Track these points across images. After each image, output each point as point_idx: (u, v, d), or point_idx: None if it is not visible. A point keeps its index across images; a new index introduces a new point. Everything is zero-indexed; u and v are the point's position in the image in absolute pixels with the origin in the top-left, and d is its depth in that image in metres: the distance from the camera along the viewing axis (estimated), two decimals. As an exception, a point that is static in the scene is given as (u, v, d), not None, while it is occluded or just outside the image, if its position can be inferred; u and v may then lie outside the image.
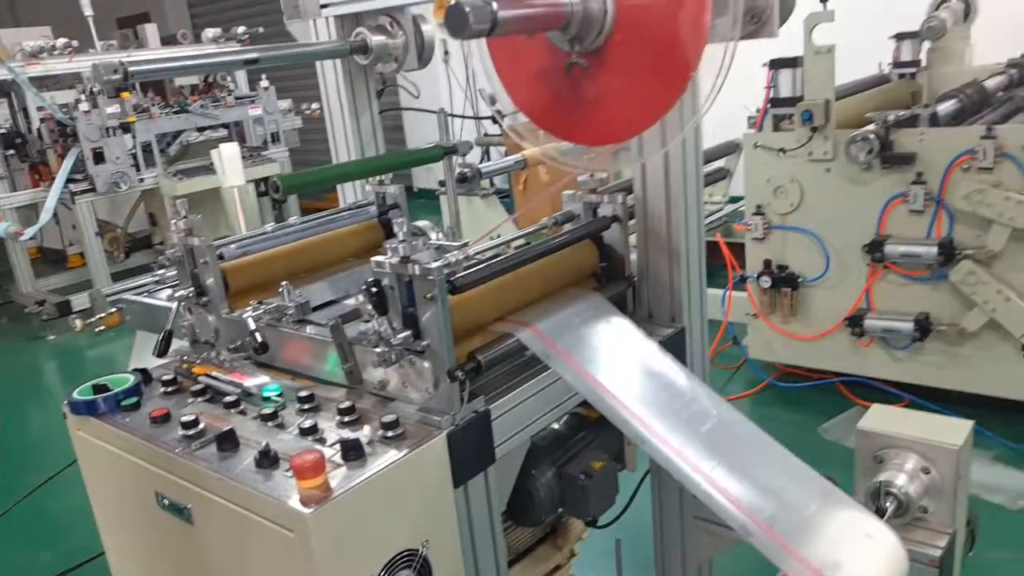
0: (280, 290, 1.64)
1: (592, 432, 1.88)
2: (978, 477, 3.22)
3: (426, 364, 1.38)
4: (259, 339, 1.59)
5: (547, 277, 1.64)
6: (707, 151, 5.24)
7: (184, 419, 1.44)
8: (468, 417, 1.40)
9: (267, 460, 1.30)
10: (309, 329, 1.60)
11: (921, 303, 3.51)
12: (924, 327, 3.47)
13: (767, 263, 3.87)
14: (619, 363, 1.55)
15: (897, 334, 3.56)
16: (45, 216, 5.81)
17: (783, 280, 3.84)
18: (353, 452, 1.29)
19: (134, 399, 1.60)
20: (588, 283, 1.76)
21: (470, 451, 1.40)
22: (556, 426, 1.90)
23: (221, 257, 1.78)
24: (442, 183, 5.00)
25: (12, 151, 7.49)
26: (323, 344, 1.55)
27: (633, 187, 1.73)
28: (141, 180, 6.38)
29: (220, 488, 1.32)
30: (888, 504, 1.60)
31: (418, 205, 6.90)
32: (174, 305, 1.79)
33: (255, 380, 1.62)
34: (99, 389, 1.64)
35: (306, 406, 1.49)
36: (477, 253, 1.66)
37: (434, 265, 1.31)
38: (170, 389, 1.65)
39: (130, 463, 1.51)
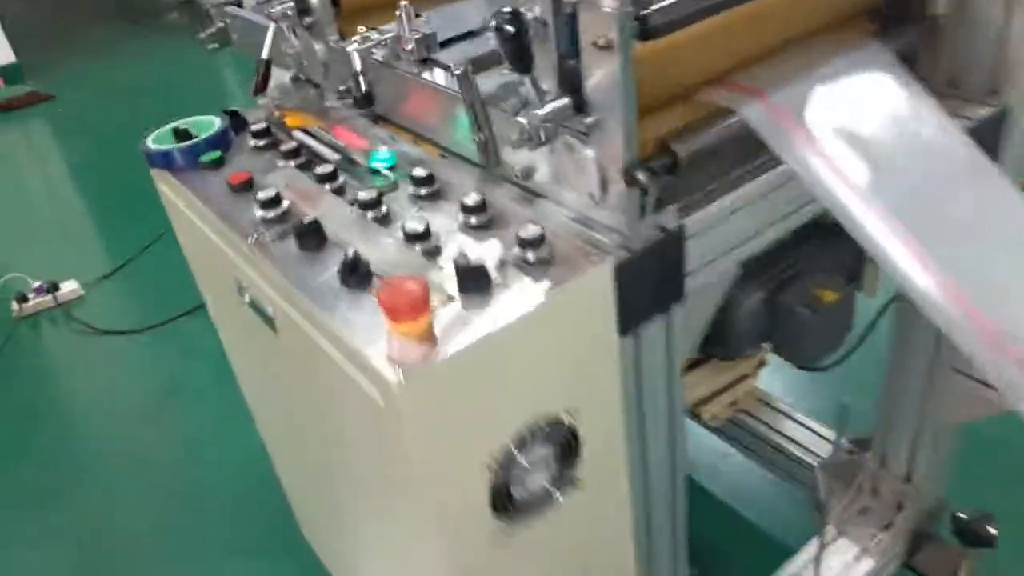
0: (398, 13, 1.15)
1: (820, 239, 1.35)
2: None
3: (590, 153, 0.88)
4: (362, 86, 1.13)
5: (793, 14, 1.03)
6: None
7: (262, 195, 1.06)
8: (651, 238, 0.92)
9: (354, 275, 0.91)
10: (433, 74, 1.12)
11: None
12: None
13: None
14: (894, 159, 0.98)
15: None
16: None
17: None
18: (475, 283, 0.87)
19: (216, 154, 1.24)
20: (860, 26, 1.13)
21: (648, 286, 0.94)
22: (771, 229, 1.37)
23: (327, -41, 1.28)
24: None
25: None
26: (450, 99, 1.08)
27: None
28: None
29: (296, 301, 0.96)
30: None
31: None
32: (270, 27, 1.35)
33: (363, 140, 1.20)
34: (181, 135, 1.28)
35: (421, 191, 1.06)
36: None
37: (616, -10, 0.75)
38: (262, 143, 1.26)
39: (208, 239, 1.18)
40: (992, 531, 1.53)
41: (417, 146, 1.19)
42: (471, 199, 0.98)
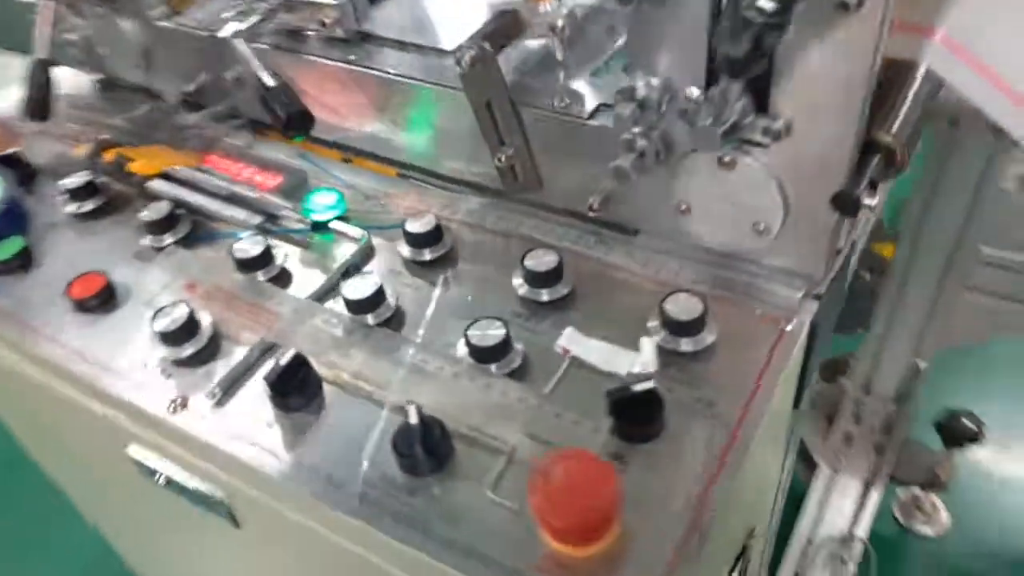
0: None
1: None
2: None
3: (754, 163, 0.55)
4: (283, 108, 0.69)
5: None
6: None
7: (163, 325, 0.61)
8: (831, 268, 0.62)
9: (432, 456, 0.52)
10: (373, 58, 0.70)
11: None
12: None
13: None
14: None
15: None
16: None
17: None
18: (646, 425, 0.52)
19: (17, 243, 0.73)
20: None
21: (825, 334, 0.65)
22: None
23: None
24: None
25: None
26: (421, 93, 0.68)
27: None
28: None
29: (311, 511, 0.56)
30: None
31: None
32: (41, 2, 0.82)
33: (273, 174, 0.76)
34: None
35: (425, 254, 0.67)
36: None
37: None
38: (89, 207, 0.77)
39: (48, 394, 0.70)
40: (973, 427, 1.49)
41: (356, 166, 0.78)
42: (541, 263, 0.62)
